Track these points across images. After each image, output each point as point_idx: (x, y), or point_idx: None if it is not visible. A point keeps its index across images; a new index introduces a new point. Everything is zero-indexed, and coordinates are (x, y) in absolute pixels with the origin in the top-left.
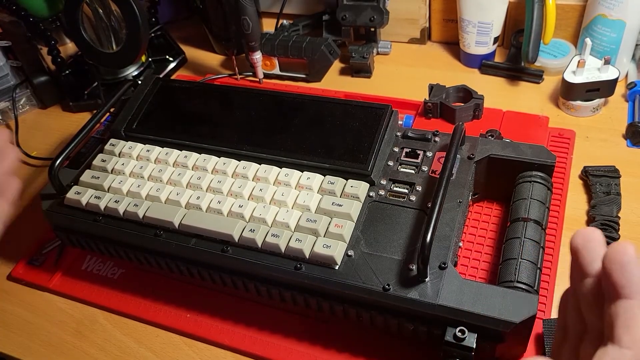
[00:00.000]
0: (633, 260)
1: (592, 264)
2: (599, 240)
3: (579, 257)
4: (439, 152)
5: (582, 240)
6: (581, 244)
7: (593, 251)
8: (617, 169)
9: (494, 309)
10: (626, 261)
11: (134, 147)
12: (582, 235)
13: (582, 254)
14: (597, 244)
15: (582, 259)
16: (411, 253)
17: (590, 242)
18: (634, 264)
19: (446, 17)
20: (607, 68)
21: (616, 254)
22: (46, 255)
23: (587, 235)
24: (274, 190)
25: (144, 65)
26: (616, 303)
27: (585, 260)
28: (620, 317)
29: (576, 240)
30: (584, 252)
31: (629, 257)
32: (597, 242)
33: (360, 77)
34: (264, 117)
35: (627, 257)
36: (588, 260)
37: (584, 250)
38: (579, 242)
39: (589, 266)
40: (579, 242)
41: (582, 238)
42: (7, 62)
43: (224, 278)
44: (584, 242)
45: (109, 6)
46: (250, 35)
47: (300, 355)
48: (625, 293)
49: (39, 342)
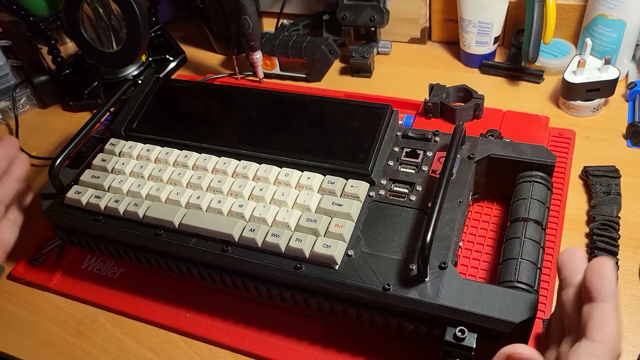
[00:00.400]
0: (610, 271)
1: (574, 276)
2: (581, 257)
3: (564, 270)
4: (439, 151)
5: (568, 256)
6: (567, 259)
7: (576, 266)
8: (617, 169)
9: (494, 309)
10: (605, 271)
11: (134, 147)
12: (568, 252)
13: (567, 267)
14: (580, 260)
15: (566, 272)
16: (411, 253)
17: (575, 258)
18: (610, 274)
19: (446, 17)
20: (608, 68)
21: (597, 265)
22: (46, 255)
23: (572, 252)
24: (274, 190)
25: (144, 65)
26: (591, 305)
27: (569, 272)
28: (595, 316)
29: (562, 257)
30: (569, 266)
31: (608, 268)
32: (580, 258)
33: (360, 76)
34: (264, 117)
35: (607, 268)
36: (572, 272)
37: (569, 264)
38: (565, 258)
39: (572, 278)
40: (565, 258)
41: (568, 254)
42: (7, 62)
43: (224, 278)
44: (570, 257)
45: (109, 6)
46: (251, 34)
47: (300, 355)
48: (601, 297)
49: (39, 342)
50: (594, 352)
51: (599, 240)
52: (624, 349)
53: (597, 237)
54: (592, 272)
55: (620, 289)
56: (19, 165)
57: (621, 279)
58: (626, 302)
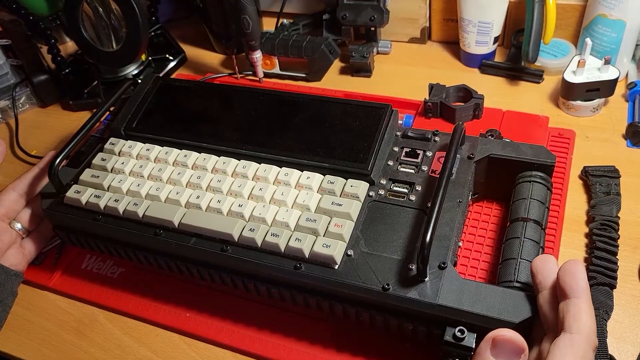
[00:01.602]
0: (581, 270)
1: (548, 280)
2: (553, 263)
3: (538, 275)
4: (438, 151)
5: (541, 262)
6: (540, 265)
7: (549, 270)
8: (617, 169)
9: (494, 309)
10: (575, 270)
11: (133, 146)
12: (540, 259)
13: (541, 272)
14: (552, 265)
15: (540, 276)
16: (411, 253)
17: (547, 264)
18: (581, 272)
19: (446, 17)
20: (607, 68)
21: (569, 266)
22: (46, 254)
23: (544, 259)
24: (274, 190)
25: (143, 64)
26: (566, 301)
27: (543, 277)
28: (570, 311)
29: (536, 263)
30: (542, 271)
31: (579, 268)
32: (552, 264)
33: (360, 76)
34: (264, 117)
35: (578, 268)
36: (545, 276)
37: (542, 269)
38: (538, 264)
39: (546, 281)
40: (538, 265)
41: (541, 261)
42: (7, 61)
43: (224, 277)
44: (542, 264)
45: (109, 5)
46: (251, 34)
47: (300, 354)
48: (574, 293)
49: (39, 341)
50: (571, 342)
51: (599, 240)
52: (623, 348)
53: (596, 237)
54: (564, 272)
55: (620, 289)
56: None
57: (621, 279)
58: (626, 302)
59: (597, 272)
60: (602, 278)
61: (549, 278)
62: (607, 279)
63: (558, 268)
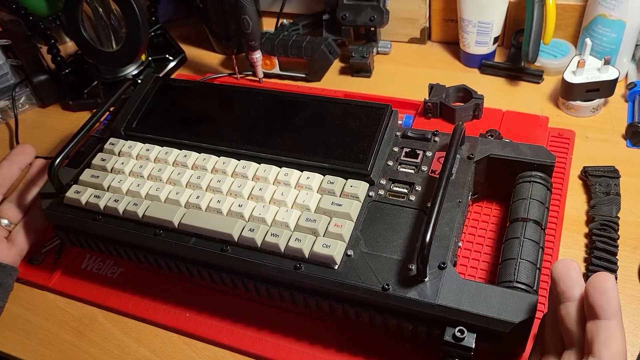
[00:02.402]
0: (612, 287)
1: (572, 289)
2: (577, 270)
3: (561, 283)
4: (438, 152)
5: (563, 269)
6: (563, 272)
7: (573, 279)
8: (616, 169)
9: (493, 309)
10: (607, 288)
11: (133, 147)
12: (563, 265)
13: (563, 280)
14: (576, 273)
15: (563, 285)
16: (410, 253)
17: (570, 271)
18: (613, 290)
19: (446, 17)
20: (607, 68)
21: (599, 282)
22: (45, 254)
23: (567, 265)
24: (274, 190)
25: (143, 65)
26: (596, 322)
27: (566, 286)
28: (600, 335)
29: (558, 269)
30: (566, 279)
31: (610, 285)
32: (575, 271)
33: (360, 76)
34: (264, 117)
35: (608, 284)
36: (569, 285)
37: (566, 277)
38: (560, 271)
39: (570, 291)
40: (561, 271)
41: (563, 267)
42: (6, 61)
43: (224, 277)
44: (565, 270)
45: (108, 5)
46: (250, 34)
47: (300, 354)
48: (605, 315)
49: (39, 341)
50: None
51: (598, 240)
52: None
53: (596, 237)
54: (594, 289)
55: (620, 289)
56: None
57: (620, 279)
58: (625, 302)
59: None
60: None
61: (573, 289)
62: None
63: (580, 275)
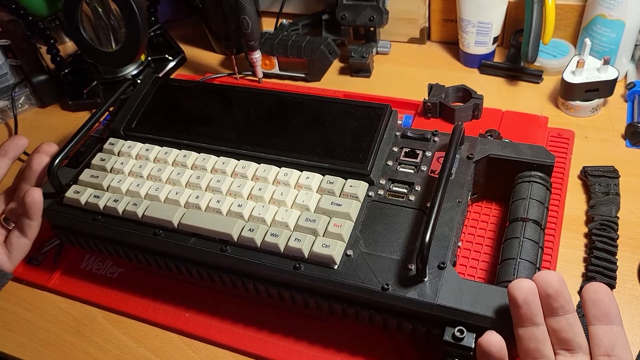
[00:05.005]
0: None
1: (537, 317)
2: (535, 294)
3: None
4: (438, 151)
5: (594, 294)
6: (522, 298)
7: (534, 305)
8: (616, 169)
9: (493, 309)
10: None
11: (133, 147)
12: (593, 291)
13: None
14: (535, 298)
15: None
16: (410, 253)
17: (530, 296)
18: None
19: (446, 17)
20: (607, 68)
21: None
22: (45, 255)
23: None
24: (273, 190)
25: (143, 65)
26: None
27: (532, 313)
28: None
29: (588, 294)
30: (531, 305)
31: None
32: (535, 296)
33: (359, 76)
34: (263, 117)
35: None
36: (535, 313)
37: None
38: (519, 296)
39: (536, 318)
40: (520, 297)
41: (593, 292)
42: (6, 61)
43: (223, 277)
44: (525, 296)
45: (108, 5)
46: (250, 34)
47: (299, 354)
48: (609, 320)
49: (38, 341)
50: None
51: (598, 240)
52: None
53: (595, 237)
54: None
55: (620, 289)
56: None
57: (620, 279)
58: (625, 302)
59: (596, 272)
60: (601, 278)
61: (538, 315)
62: (606, 279)
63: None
